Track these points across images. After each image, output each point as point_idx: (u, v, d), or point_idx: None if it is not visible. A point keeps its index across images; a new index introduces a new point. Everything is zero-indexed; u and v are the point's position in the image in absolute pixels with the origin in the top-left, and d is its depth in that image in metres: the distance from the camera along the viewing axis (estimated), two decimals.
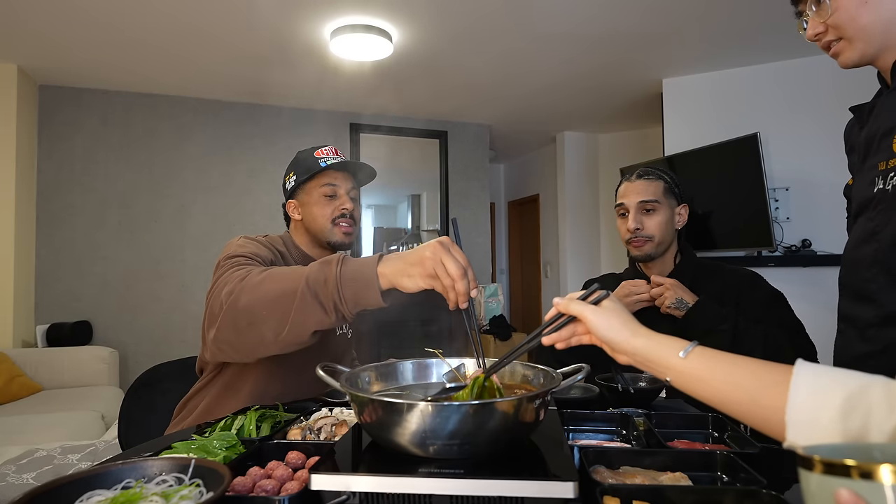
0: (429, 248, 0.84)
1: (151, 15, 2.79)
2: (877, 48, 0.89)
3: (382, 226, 4.88)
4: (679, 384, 0.65)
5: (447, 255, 0.82)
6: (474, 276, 0.84)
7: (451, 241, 0.85)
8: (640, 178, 1.45)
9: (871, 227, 0.90)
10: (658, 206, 1.42)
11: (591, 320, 0.70)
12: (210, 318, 1.01)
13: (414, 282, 0.85)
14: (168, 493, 0.58)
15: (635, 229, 1.41)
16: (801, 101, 3.42)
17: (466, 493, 0.58)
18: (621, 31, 3.09)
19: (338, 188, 1.35)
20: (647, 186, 1.43)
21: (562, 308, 0.73)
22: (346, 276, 0.88)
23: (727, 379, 0.60)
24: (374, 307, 0.90)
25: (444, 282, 0.83)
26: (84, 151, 3.86)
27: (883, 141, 0.89)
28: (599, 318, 0.70)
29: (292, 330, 0.90)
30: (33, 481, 1.82)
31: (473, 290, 0.84)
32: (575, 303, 0.72)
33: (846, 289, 0.98)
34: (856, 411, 0.48)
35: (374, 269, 0.88)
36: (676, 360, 0.64)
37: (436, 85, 3.96)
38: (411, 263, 0.85)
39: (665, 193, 1.44)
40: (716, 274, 1.44)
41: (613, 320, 0.70)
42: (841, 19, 0.89)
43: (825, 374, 0.53)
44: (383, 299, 0.88)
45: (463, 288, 0.82)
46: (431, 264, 0.83)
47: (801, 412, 0.52)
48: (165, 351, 3.87)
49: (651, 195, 1.42)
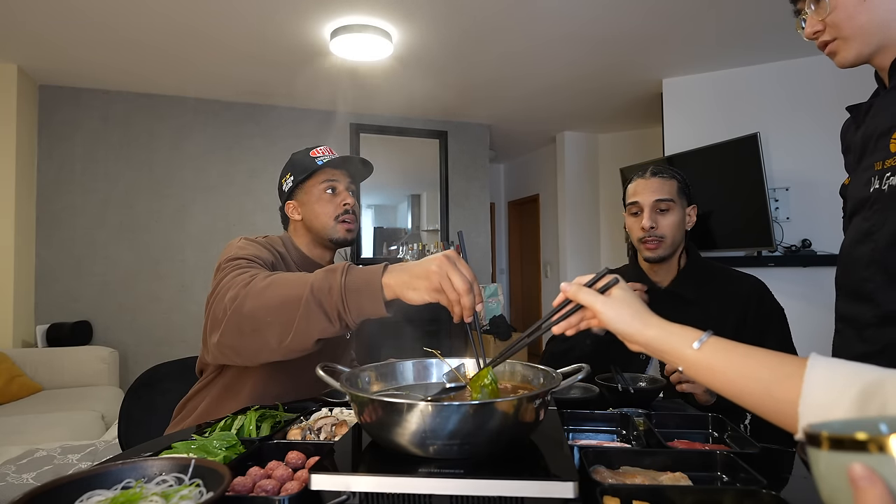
0: (435, 262, 0.83)
1: (151, 15, 2.79)
2: (873, 47, 0.89)
3: (382, 226, 4.88)
4: (692, 374, 0.64)
5: (453, 269, 0.82)
6: (480, 290, 0.84)
7: (458, 255, 0.85)
8: (655, 175, 1.40)
9: (866, 227, 0.90)
10: (673, 205, 1.38)
11: (602, 311, 0.69)
12: (213, 322, 1.00)
13: (419, 295, 0.85)
14: (168, 493, 0.58)
15: (650, 228, 1.37)
16: (801, 101, 3.42)
17: (466, 493, 0.58)
18: (621, 32, 3.09)
19: (337, 184, 1.35)
20: (662, 185, 1.39)
21: (570, 295, 0.72)
22: (350, 286, 0.88)
23: (741, 371, 0.60)
24: (378, 317, 0.90)
25: (450, 296, 0.82)
26: (84, 151, 3.86)
27: (880, 141, 0.89)
28: (610, 310, 0.69)
29: (296, 337, 0.91)
30: (33, 481, 1.82)
31: (479, 304, 0.83)
32: (584, 291, 0.71)
33: (843, 289, 0.98)
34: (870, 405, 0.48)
35: (378, 279, 0.87)
36: (690, 351, 0.63)
37: (436, 85, 3.96)
38: (417, 276, 0.85)
39: (679, 193, 1.40)
40: (723, 279, 1.41)
41: (624, 311, 0.69)
42: (839, 17, 0.89)
43: (840, 367, 0.52)
44: (387, 309, 0.89)
45: (468, 303, 0.82)
46: (437, 278, 0.82)
47: (814, 405, 0.51)
48: (165, 351, 3.87)
49: (666, 194, 1.38)
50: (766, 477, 0.64)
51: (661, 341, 0.66)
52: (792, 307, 1.36)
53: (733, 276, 1.42)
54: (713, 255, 3.38)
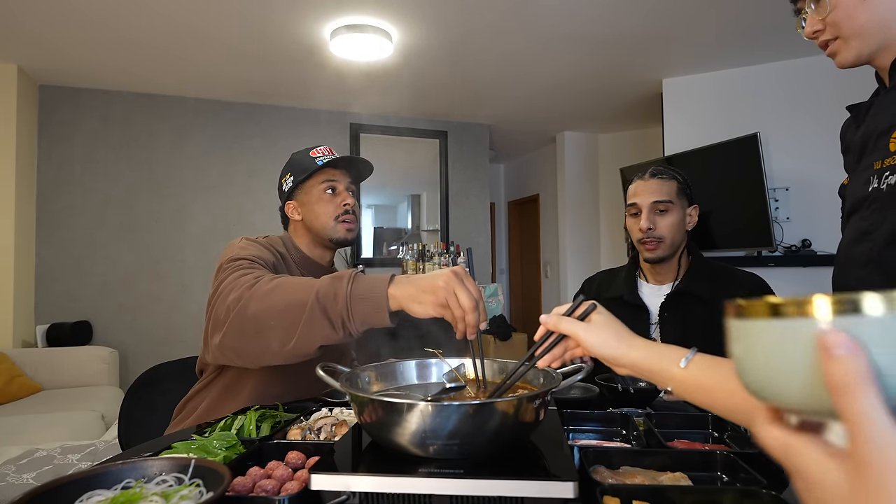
0: (442, 278, 0.83)
1: (151, 15, 2.79)
2: (874, 47, 0.89)
3: (382, 226, 4.87)
4: (681, 394, 0.64)
5: (461, 286, 0.82)
6: (485, 308, 0.84)
7: (465, 271, 0.85)
8: (654, 177, 1.41)
9: (864, 227, 0.89)
10: (671, 206, 1.38)
11: (584, 339, 0.69)
12: (215, 323, 1.00)
13: (424, 309, 0.85)
14: (168, 493, 0.58)
15: (648, 229, 1.38)
16: (801, 101, 3.42)
17: (466, 493, 0.58)
18: (621, 32, 3.09)
19: (337, 184, 1.35)
20: (660, 186, 1.40)
21: (551, 326, 0.71)
22: (356, 295, 0.88)
23: (728, 387, 0.59)
24: (381, 326, 0.90)
25: (455, 313, 0.82)
26: (84, 151, 3.86)
27: (879, 140, 0.89)
28: (591, 336, 0.68)
29: (299, 342, 0.91)
30: (33, 481, 1.82)
31: (483, 322, 0.83)
32: (564, 321, 0.70)
33: (840, 289, 0.97)
34: None
35: (384, 290, 0.87)
36: (677, 370, 0.63)
37: (436, 85, 3.96)
38: (423, 290, 0.85)
39: (678, 194, 1.41)
40: (727, 277, 1.41)
41: (606, 334, 0.68)
42: (839, 17, 0.88)
43: None
44: (391, 320, 0.89)
45: (473, 321, 0.82)
46: (444, 294, 0.82)
47: None
48: (165, 351, 3.87)
49: (665, 195, 1.39)
50: (766, 477, 0.64)
51: (647, 362, 0.66)
52: None
53: (736, 274, 1.43)
54: (713, 255, 3.38)
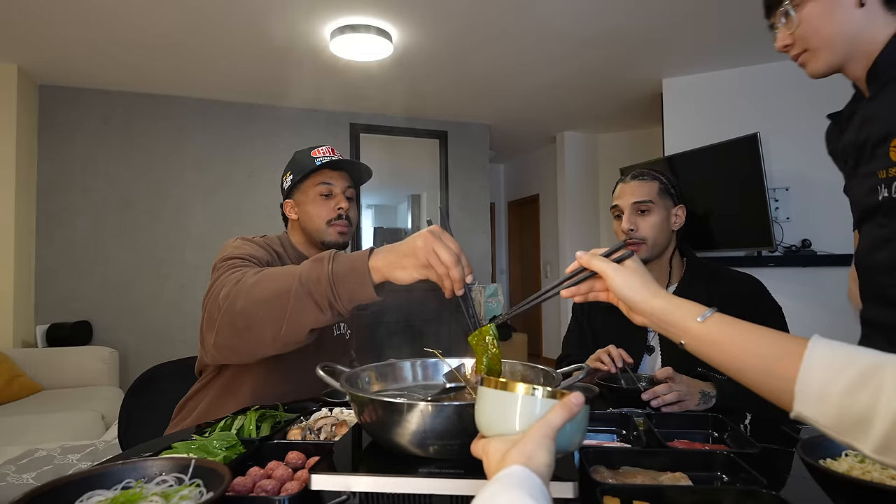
0: (420, 238, 0.83)
1: (151, 16, 2.79)
2: (841, 58, 0.94)
3: (382, 226, 4.88)
4: (693, 348, 0.64)
5: (439, 243, 0.81)
6: (468, 261, 0.83)
7: (442, 229, 0.84)
8: (635, 179, 1.44)
9: (884, 234, 0.93)
10: (652, 206, 1.40)
11: (612, 277, 0.69)
12: (208, 322, 1.00)
13: (408, 273, 0.84)
14: (168, 493, 0.58)
15: (629, 230, 1.40)
16: (801, 101, 3.41)
17: (466, 493, 0.58)
18: (621, 32, 3.09)
19: (333, 187, 1.34)
20: (640, 187, 1.42)
21: (584, 262, 0.72)
22: (338, 273, 0.88)
23: (743, 346, 0.59)
24: (369, 301, 0.89)
25: (438, 270, 0.82)
26: (84, 151, 3.86)
27: (878, 149, 0.92)
28: (620, 276, 0.69)
29: (289, 330, 0.90)
30: (33, 481, 1.82)
31: (468, 275, 0.83)
32: (597, 259, 0.71)
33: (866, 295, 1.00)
34: (866, 387, 0.48)
35: (365, 263, 0.87)
36: (693, 323, 0.63)
37: (436, 85, 3.96)
38: (404, 255, 0.84)
39: (660, 194, 1.42)
40: (722, 279, 1.42)
41: (634, 279, 0.69)
42: (805, 31, 0.94)
43: (841, 348, 0.52)
44: (378, 293, 0.88)
45: (458, 275, 0.81)
46: (424, 254, 0.82)
47: (811, 384, 0.51)
48: (165, 351, 3.87)
49: (644, 196, 1.40)
50: (766, 477, 0.64)
51: (666, 312, 0.66)
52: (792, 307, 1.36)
53: (731, 275, 1.44)
54: (713, 256, 3.38)
